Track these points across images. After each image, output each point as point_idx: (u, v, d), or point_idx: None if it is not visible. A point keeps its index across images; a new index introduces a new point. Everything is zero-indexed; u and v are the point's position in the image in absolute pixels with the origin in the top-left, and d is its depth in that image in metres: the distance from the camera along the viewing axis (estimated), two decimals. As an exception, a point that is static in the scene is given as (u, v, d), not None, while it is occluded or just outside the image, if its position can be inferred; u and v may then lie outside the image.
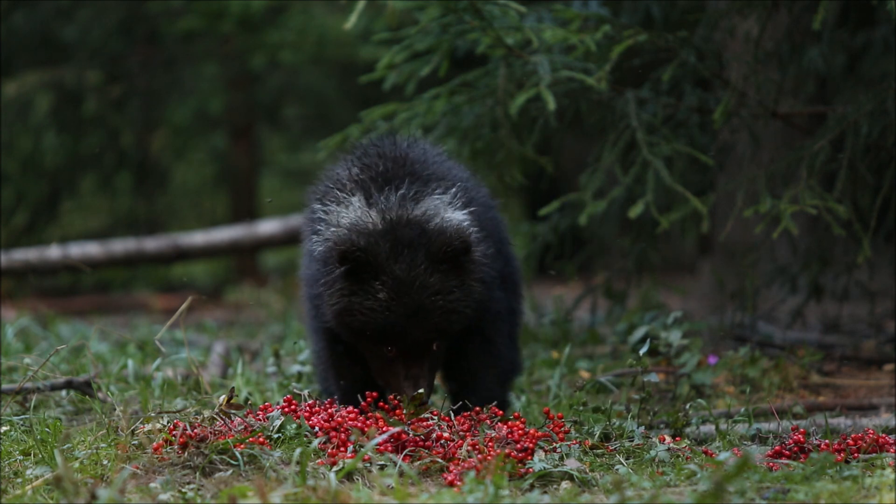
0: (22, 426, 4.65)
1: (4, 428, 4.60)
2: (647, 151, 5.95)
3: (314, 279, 4.42)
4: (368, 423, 4.10)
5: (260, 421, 4.16)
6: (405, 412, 4.22)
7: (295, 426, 4.10)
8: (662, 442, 4.28)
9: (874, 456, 4.10)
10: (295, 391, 4.86)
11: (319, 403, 4.30)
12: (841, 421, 4.90)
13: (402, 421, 4.14)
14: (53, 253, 9.79)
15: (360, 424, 4.09)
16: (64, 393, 5.41)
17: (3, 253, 9.65)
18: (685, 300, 8.25)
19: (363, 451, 3.84)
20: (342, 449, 4.00)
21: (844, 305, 7.11)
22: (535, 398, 5.52)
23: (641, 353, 4.69)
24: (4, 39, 11.94)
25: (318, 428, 4.09)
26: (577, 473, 3.91)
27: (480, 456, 3.96)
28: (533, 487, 3.88)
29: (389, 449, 3.98)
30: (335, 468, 3.84)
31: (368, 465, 3.88)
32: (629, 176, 6.01)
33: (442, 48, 6.12)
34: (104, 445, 4.17)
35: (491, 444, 4.06)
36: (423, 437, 4.05)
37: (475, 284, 4.32)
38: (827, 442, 4.20)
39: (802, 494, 3.64)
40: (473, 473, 3.78)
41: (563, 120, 6.46)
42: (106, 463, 3.97)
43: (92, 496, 3.38)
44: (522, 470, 3.93)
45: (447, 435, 4.07)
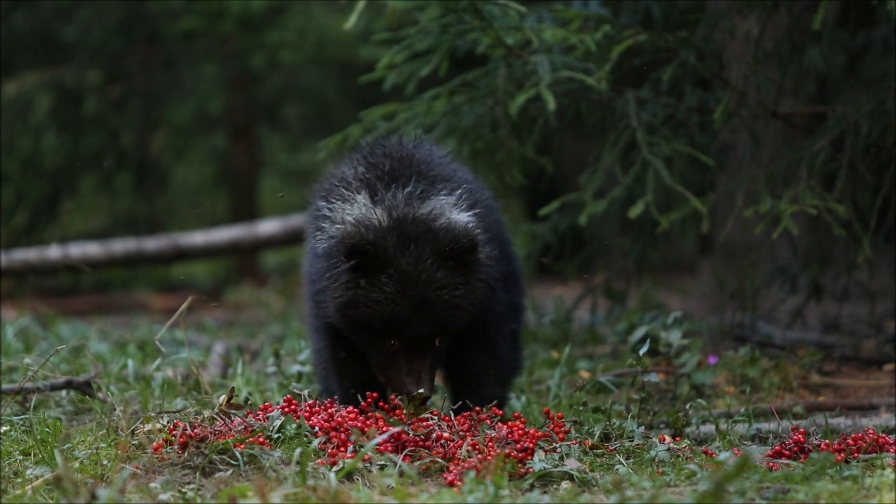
0: (22, 426, 4.65)
1: (4, 428, 4.60)
2: (647, 151, 5.95)
3: (317, 276, 4.42)
4: (368, 423, 4.11)
5: (260, 421, 4.16)
6: (405, 412, 4.22)
7: (295, 426, 4.10)
8: (662, 442, 4.28)
9: (874, 456, 4.10)
10: (295, 391, 4.87)
11: (319, 403, 4.30)
12: (841, 421, 4.90)
13: (402, 421, 4.15)
14: (53, 253, 9.78)
15: (360, 424, 4.09)
16: (64, 393, 5.41)
17: (3, 253, 9.64)
18: (685, 300, 8.24)
19: (363, 451, 3.84)
20: (342, 449, 4.00)
21: (844, 305, 7.11)
22: (535, 398, 5.52)
23: (641, 353, 4.69)
24: (4, 39, 11.94)
25: (318, 428, 4.09)
26: (577, 473, 3.91)
27: (480, 456, 3.96)
28: (533, 487, 3.88)
29: (389, 449, 3.98)
30: (335, 468, 3.84)
31: (368, 465, 3.88)
32: (629, 176, 6.01)
33: (442, 48, 6.12)
34: (104, 445, 4.17)
35: (491, 444, 4.06)
36: (423, 437, 4.05)
37: (479, 283, 4.33)
38: (827, 442, 4.20)
39: (802, 494, 3.64)
40: (473, 473, 3.78)
41: (563, 120, 6.46)
42: (106, 463, 3.97)
43: (92, 496, 3.38)
44: (522, 470, 3.93)
45: (447, 435, 4.07)
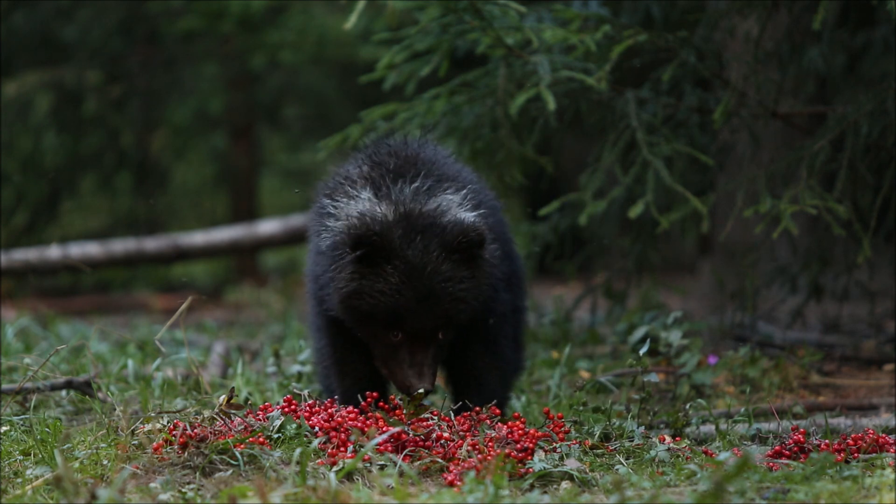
0: (22, 426, 4.65)
1: (4, 428, 4.60)
2: (647, 151, 5.95)
3: (321, 273, 4.42)
4: (368, 423, 4.11)
5: (260, 421, 4.16)
6: (405, 412, 4.22)
7: (295, 426, 4.10)
8: (662, 442, 4.28)
9: (874, 456, 4.10)
10: (295, 391, 4.87)
11: (319, 403, 4.30)
12: (841, 421, 4.90)
13: (402, 421, 4.15)
14: (53, 253, 9.78)
15: (360, 424, 4.09)
16: (64, 393, 5.41)
17: (3, 253, 9.64)
18: (685, 300, 8.24)
19: (363, 451, 3.84)
20: (342, 449, 4.00)
21: (844, 305, 7.11)
22: (535, 398, 5.52)
23: (641, 353, 4.69)
24: (4, 39, 11.93)
25: (318, 428, 4.09)
26: (577, 473, 3.91)
27: (480, 456, 3.96)
28: (533, 487, 3.88)
29: (389, 449, 3.98)
30: (335, 468, 3.84)
31: (368, 465, 3.88)
32: (629, 176, 6.01)
33: (442, 48, 6.12)
34: (104, 445, 4.17)
35: (491, 444, 4.06)
36: (423, 437, 4.05)
37: (484, 278, 4.34)
38: (827, 442, 4.20)
39: (802, 494, 3.64)
40: (473, 473, 3.78)
41: (563, 120, 6.46)
42: (106, 463, 3.97)
43: (92, 496, 3.38)
44: (522, 470, 3.93)
45: (447, 435, 4.07)
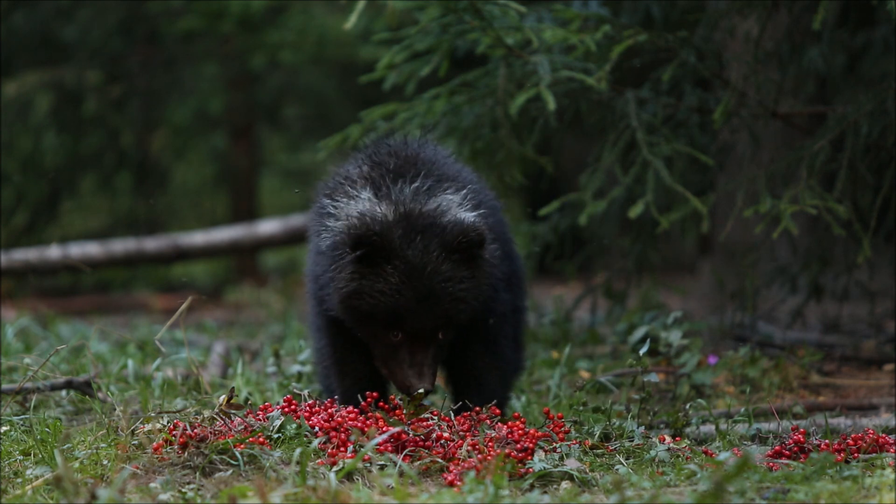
0: (22, 426, 4.65)
1: (4, 428, 4.60)
2: (647, 151, 5.95)
3: (321, 273, 4.42)
4: (368, 423, 4.10)
5: (260, 421, 4.16)
6: (405, 412, 4.22)
7: (295, 426, 4.10)
8: (662, 442, 4.28)
9: (874, 456, 4.10)
10: (295, 391, 4.86)
11: (319, 403, 4.30)
12: (841, 421, 4.90)
13: (402, 421, 4.15)
14: (53, 253, 9.78)
15: (360, 424, 4.09)
16: (64, 393, 5.41)
17: (3, 253, 9.64)
18: (685, 300, 8.24)
19: (363, 451, 3.84)
20: (342, 449, 4.00)
21: (844, 305, 7.11)
22: (535, 398, 5.52)
23: (641, 353, 4.69)
24: (4, 39, 11.93)
25: (318, 428, 4.09)
26: (577, 473, 3.91)
27: (480, 456, 3.96)
28: (533, 487, 3.88)
29: (389, 449, 3.98)
30: (335, 468, 3.84)
31: (368, 465, 3.88)
32: (629, 176, 6.01)
33: (442, 48, 6.12)
34: (104, 445, 4.17)
35: (491, 444, 4.06)
36: (423, 437, 4.05)
37: (484, 278, 4.33)
38: (827, 442, 4.20)
39: (802, 494, 3.64)
40: (473, 473, 3.78)
41: (563, 120, 6.46)
42: (106, 463, 3.97)
43: (92, 496, 3.38)
44: (522, 470, 3.93)
45: (447, 435, 4.07)
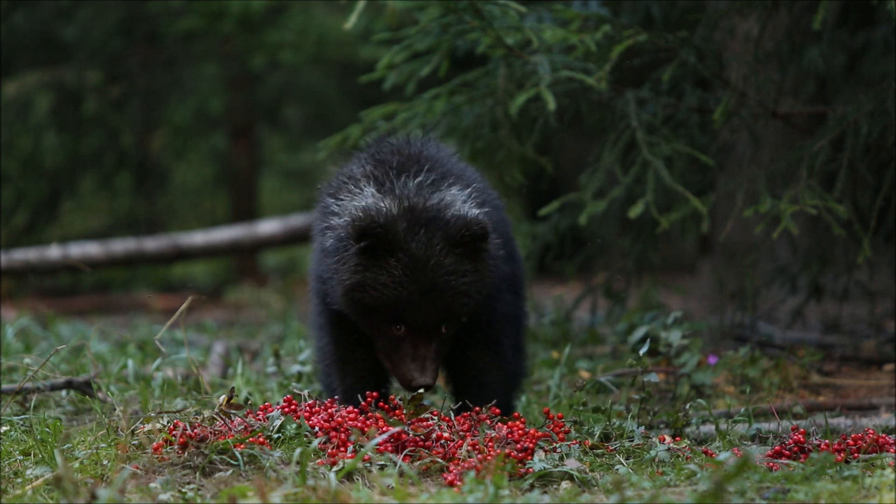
0: (22, 426, 4.65)
1: (4, 428, 4.60)
2: (647, 151, 5.95)
3: (324, 272, 4.42)
4: (368, 423, 4.10)
5: (260, 421, 4.16)
6: (405, 412, 4.22)
7: (295, 426, 4.10)
8: (662, 442, 4.28)
9: (874, 456, 4.10)
10: (295, 391, 4.86)
11: (319, 403, 4.29)
12: (841, 421, 4.90)
13: (402, 421, 4.15)
14: (53, 253, 9.77)
15: (360, 424, 4.09)
16: (64, 393, 5.41)
17: (3, 253, 9.64)
18: (685, 300, 8.24)
19: (363, 451, 3.84)
20: (342, 449, 4.00)
21: (844, 305, 7.11)
22: (535, 398, 5.52)
23: (641, 353, 4.69)
24: (4, 39, 11.94)
25: (318, 428, 4.09)
26: (577, 473, 3.91)
27: (480, 456, 3.96)
28: (533, 487, 3.88)
29: (389, 449, 3.98)
30: (335, 468, 3.84)
31: (368, 465, 3.88)
32: (629, 176, 6.01)
33: (442, 48, 6.12)
34: (104, 445, 4.17)
35: (491, 444, 4.06)
36: (423, 437, 4.05)
37: (488, 272, 4.33)
38: (827, 442, 4.20)
39: (802, 494, 3.64)
40: (473, 473, 3.78)
41: (563, 120, 6.46)
42: (106, 463, 3.97)
43: (92, 496, 3.38)
44: (522, 470, 3.93)
45: (447, 435, 4.07)
